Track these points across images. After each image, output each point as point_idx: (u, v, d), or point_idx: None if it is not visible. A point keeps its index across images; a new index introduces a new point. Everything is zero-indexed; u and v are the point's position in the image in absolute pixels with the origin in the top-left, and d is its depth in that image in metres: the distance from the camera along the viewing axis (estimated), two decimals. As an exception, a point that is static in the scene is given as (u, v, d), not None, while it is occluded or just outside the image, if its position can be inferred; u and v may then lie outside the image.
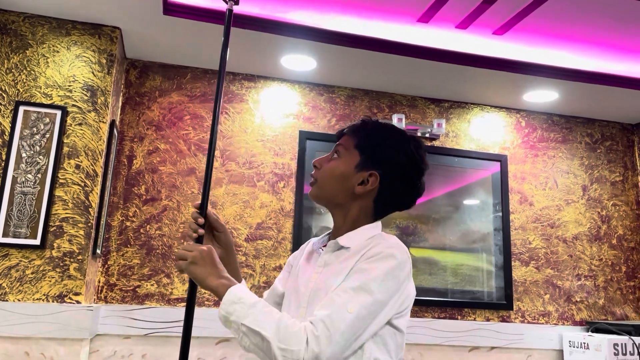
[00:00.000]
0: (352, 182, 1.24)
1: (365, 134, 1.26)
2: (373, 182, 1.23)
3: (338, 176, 1.25)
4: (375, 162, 1.24)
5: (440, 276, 2.87)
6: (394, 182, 1.25)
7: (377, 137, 1.26)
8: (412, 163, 1.26)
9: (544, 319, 2.95)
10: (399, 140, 1.26)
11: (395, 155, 1.25)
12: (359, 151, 1.25)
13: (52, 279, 2.13)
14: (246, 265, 2.67)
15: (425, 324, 2.76)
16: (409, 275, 1.15)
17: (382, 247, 1.14)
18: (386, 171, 1.24)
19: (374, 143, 1.25)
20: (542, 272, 3.01)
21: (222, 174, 2.73)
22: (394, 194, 1.27)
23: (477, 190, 3.03)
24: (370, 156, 1.24)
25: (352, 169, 1.24)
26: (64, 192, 2.20)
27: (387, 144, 1.25)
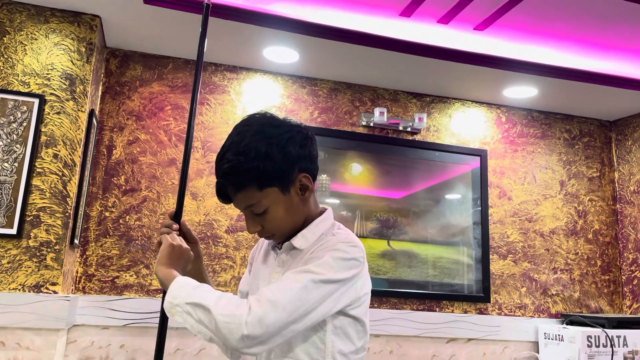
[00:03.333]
0: (297, 202, 1.20)
1: (248, 171, 1.14)
2: (308, 181, 1.20)
3: (285, 216, 1.19)
4: (285, 172, 1.17)
5: (420, 269, 2.90)
6: (307, 164, 1.21)
7: (256, 159, 1.14)
8: (292, 141, 1.19)
9: (520, 312, 3.00)
10: (264, 141, 1.16)
11: (281, 152, 1.16)
12: (267, 186, 1.16)
13: (29, 268, 2.12)
14: (226, 257, 2.67)
15: (403, 316, 2.79)
16: (361, 267, 1.16)
17: (333, 242, 1.15)
18: (294, 163, 1.18)
19: (262, 167, 1.14)
20: (520, 266, 3.06)
21: (202, 165, 2.72)
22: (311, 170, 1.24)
23: (457, 184, 3.06)
24: (277, 175, 1.16)
25: (284, 200, 1.18)
26: (41, 182, 2.18)
27: (265, 153, 1.14)
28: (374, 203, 2.91)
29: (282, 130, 1.19)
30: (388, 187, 2.96)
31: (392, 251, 2.89)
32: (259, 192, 1.15)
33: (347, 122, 2.97)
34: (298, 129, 1.22)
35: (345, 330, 1.15)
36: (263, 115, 1.23)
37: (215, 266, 2.65)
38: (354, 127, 2.98)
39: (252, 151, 1.14)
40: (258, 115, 1.23)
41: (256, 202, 1.16)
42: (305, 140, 1.22)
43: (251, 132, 1.17)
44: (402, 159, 3.00)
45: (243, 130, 1.18)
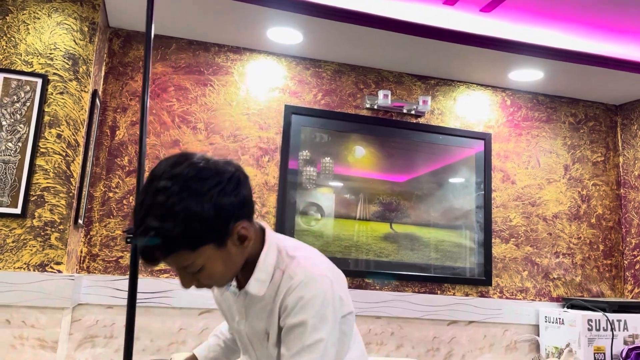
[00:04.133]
0: (235, 252, 1.10)
1: (177, 237, 1.01)
2: (246, 231, 1.09)
3: (224, 269, 1.10)
4: (220, 228, 1.05)
5: (422, 252, 2.91)
6: (243, 211, 1.09)
7: (185, 223, 1.00)
8: (224, 193, 1.05)
9: (522, 295, 3.01)
10: (192, 199, 1.01)
11: (213, 208, 1.03)
12: (201, 246, 1.04)
13: (34, 248, 2.13)
14: (229, 238, 2.68)
15: (405, 298, 2.81)
16: (340, 293, 1.14)
17: (299, 292, 1.09)
18: (229, 217, 1.05)
19: (193, 229, 1.01)
20: (522, 250, 3.06)
21: (206, 147, 2.72)
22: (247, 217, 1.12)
23: (461, 168, 3.06)
24: (211, 233, 1.04)
25: (221, 254, 1.07)
26: (45, 162, 2.19)
27: (195, 214, 1.01)
28: (377, 186, 2.91)
29: (211, 183, 1.04)
30: (391, 170, 2.95)
31: (394, 234, 2.89)
32: (192, 252, 1.04)
33: (351, 105, 2.96)
34: (228, 175, 1.07)
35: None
36: (187, 164, 1.05)
37: (219, 247, 2.66)
38: (358, 109, 2.96)
39: (180, 214, 1.00)
40: (181, 163, 1.05)
41: (190, 263, 1.06)
42: (237, 187, 1.08)
43: (176, 190, 1.01)
44: (406, 142, 2.99)
45: (166, 186, 1.01)
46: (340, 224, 2.83)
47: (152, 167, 1.07)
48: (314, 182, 2.84)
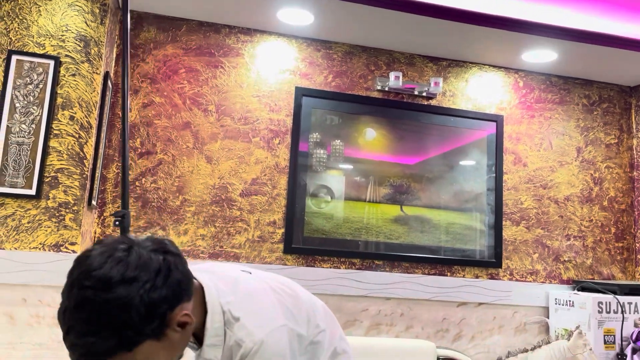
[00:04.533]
0: (178, 337, 1.01)
1: (107, 349, 0.93)
2: (186, 317, 1.01)
3: (168, 355, 1.02)
4: (155, 324, 0.96)
5: (432, 234, 2.91)
6: (178, 297, 1.01)
7: (113, 335, 0.93)
8: (155, 289, 0.97)
9: (532, 277, 3.02)
10: (118, 309, 0.93)
11: (145, 309, 0.95)
12: (137, 345, 0.96)
13: (48, 228, 2.16)
14: (241, 220, 2.70)
15: (415, 280, 2.82)
16: (297, 330, 1.16)
17: (256, 359, 1.07)
18: (164, 310, 0.97)
19: (124, 336, 0.93)
20: (532, 232, 3.06)
21: (217, 129, 2.72)
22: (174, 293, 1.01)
23: (472, 150, 3.04)
24: (146, 333, 0.96)
25: (162, 344, 0.99)
26: (58, 143, 2.21)
27: (124, 322, 0.93)
28: (388, 169, 2.91)
29: (139, 285, 0.94)
30: (402, 152, 2.95)
31: (405, 216, 2.90)
32: (130, 352, 0.96)
33: (362, 87, 2.94)
34: (156, 267, 0.97)
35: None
36: (108, 265, 0.94)
37: (230, 229, 2.68)
38: (369, 91, 2.95)
39: (105, 328, 0.92)
40: (100, 264, 0.94)
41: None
42: (168, 275, 0.98)
43: (98, 303, 0.92)
44: (417, 124, 2.98)
45: (86, 299, 0.92)
46: (351, 206, 2.84)
47: (71, 267, 0.97)
48: (324, 164, 2.84)
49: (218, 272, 1.19)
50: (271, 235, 2.72)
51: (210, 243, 2.65)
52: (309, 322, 1.21)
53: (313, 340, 1.21)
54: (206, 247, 2.64)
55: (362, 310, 2.77)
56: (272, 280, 1.25)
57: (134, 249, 0.98)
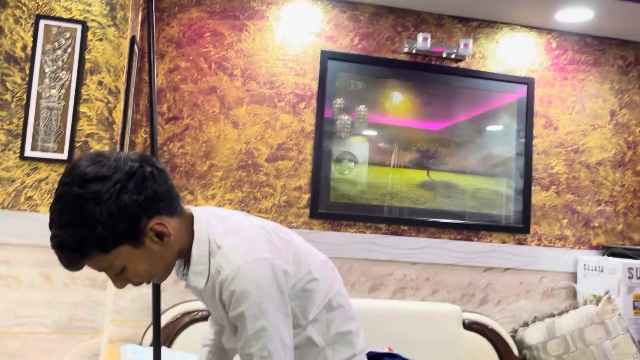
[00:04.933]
0: (158, 249, 1.07)
1: (81, 243, 1.00)
2: (162, 226, 1.06)
3: (149, 267, 1.09)
4: (128, 228, 1.02)
5: (459, 199, 2.89)
6: (154, 207, 1.05)
7: (85, 229, 0.99)
8: (125, 192, 1.02)
9: (560, 243, 2.98)
10: (89, 204, 0.99)
11: (115, 209, 1.00)
12: (114, 248, 1.02)
13: (81, 192, 2.21)
14: (267, 185, 2.71)
15: (441, 245, 2.82)
16: (284, 267, 1.12)
17: (230, 287, 1.06)
18: (136, 215, 1.02)
19: (96, 234, 1.00)
20: (562, 197, 3.01)
21: (242, 94, 2.71)
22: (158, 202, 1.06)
23: (502, 114, 2.98)
24: (119, 235, 1.02)
25: (141, 253, 1.06)
26: (87, 108, 2.23)
27: (94, 218, 0.99)
28: (414, 134, 2.87)
29: (109, 184, 1.00)
30: (429, 117, 2.90)
31: (431, 182, 2.87)
32: (107, 255, 1.03)
33: (389, 49, 2.88)
34: (130, 172, 1.03)
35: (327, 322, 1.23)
36: (86, 165, 1.03)
37: (257, 194, 2.70)
38: (396, 54, 2.89)
39: (77, 221, 0.99)
40: (80, 165, 1.03)
41: (107, 265, 1.05)
42: (142, 183, 1.03)
43: (72, 196, 1.00)
44: (445, 88, 2.92)
45: (63, 193, 1.01)
46: (375, 172, 2.83)
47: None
48: (348, 130, 2.82)
49: (213, 210, 1.23)
50: (297, 201, 2.74)
51: (238, 208, 2.68)
52: (299, 266, 1.17)
53: (305, 287, 1.18)
54: (233, 212, 2.67)
55: (388, 275, 2.78)
56: (268, 224, 1.24)
57: (113, 157, 1.05)
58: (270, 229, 1.20)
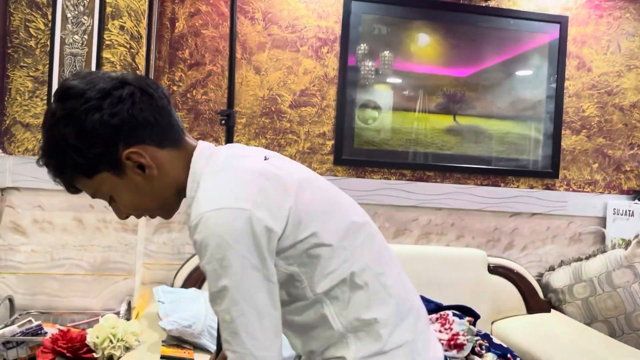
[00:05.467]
0: (142, 181, 0.99)
1: (59, 167, 0.96)
2: (139, 156, 0.96)
3: (137, 199, 1.01)
4: (101, 154, 0.95)
5: (486, 144, 2.84)
6: (133, 135, 0.96)
7: (58, 153, 0.95)
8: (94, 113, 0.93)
9: (590, 188, 2.92)
10: (60, 124, 0.94)
11: (82, 132, 0.93)
12: (95, 174, 0.97)
13: (108, 138, 2.24)
14: (291, 132, 2.70)
15: (467, 190, 2.80)
16: (266, 223, 0.92)
17: (193, 235, 0.93)
18: (108, 141, 0.94)
19: (70, 158, 0.94)
20: (593, 141, 2.93)
21: (264, 38, 2.67)
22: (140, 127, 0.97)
23: (533, 55, 2.87)
24: (94, 161, 0.95)
25: (124, 183, 0.98)
26: (111, 54, 2.23)
27: (64, 140, 0.93)
28: (440, 81, 2.80)
29: (79, 102, 0.92)
30: (456, 62, 2.81)
31: (458, 127, 2.82)
32: (90, 180, 0.98)
33: (414, -11, 2.77)
34: (103, 90, 0.93)
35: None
36: (70, 79, 0.96)
37: (281, 140, 2.70)
38: (422, -7, 2.78)
39: (50, 142, 0.95)
40: (66, 80, 0.98)
41: (94, 190, 1.00)
42: (117, 105, 0.94)
43: (49, 113, 0.96)
44: (474, 30, 2.81)
45: (46, 110, 0.99)
46: (400, 118, 2.78)
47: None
48: (372, 77, 2.76)
49: (233, 147, 1.10)
50: (321, 147, 2.73)
51: (262, 154, 2.68)
52: (300, 225, 0.97)
53: (309, 251, 0.97)
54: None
55: (412, 220, 2.79)
56: (276, 167, 1.02)
57: (93, 74, 0.97)
58: (272, 176, 0.99)
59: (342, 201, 1.08)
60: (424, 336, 1.06)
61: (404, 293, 1.06)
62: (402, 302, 1.04)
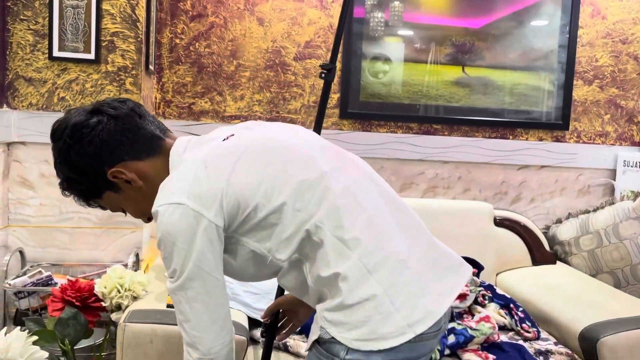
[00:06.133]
0: (134, 191, 1.12)
1: (73, 190, 1.14)
2: (120, 173, 1.09)
3: (138, 206, 1.15)
4: (92, 181, 1.10)
5: (495, 96, 2.78)
6: (113, 156, 1.08)
7: (66, 182, 1.13)
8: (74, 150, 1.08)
9: (601, 139, 2.87)
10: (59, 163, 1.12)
11: (68, 166, 1.10)
12: (102, 194, 1.13)
13: (111, 92, 2.23)
14: (295, 85, 2.67)
15: (474, 143, 2.76)
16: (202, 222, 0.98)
17: (157, 233, 1.03)
18: (94, 169, 1.08)
19: (77, 187, 1.13)
20: (606, 92, 2.85)
21: (268, -12, 2.60)
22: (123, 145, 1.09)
23: (546, 3, 2.76)
24: (91, 187, 1.12)
25: (124, 196, 1.13)
26: (110, 6, 2.19)
27: (66, 176, 1.12)
28: (450, 32, 2.72)
29: (61, 142, 1.09)
30: (467, 13, 2.73)
31: (466, 78, 2.76)
32: (102, 200, 1.14)
33: None
34: (74, 128, 1.07)
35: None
36: (53, 126, 1.13)
37: (285, 94, 2.67)
38: (430, -62, 2.67)
39: (60, 179, 1.13)
40: (52, 127, 1.14)
41: (109, 207, 1.17)
42: (90, 135, 1.06)
43: (53, 158, 1.13)
44: (483, -25, 2.71)
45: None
46: (407, 71, 2.73)
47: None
48: (382, 29, 2.69)
49: (209, 136, 1.18)
50: (327, 100, 2.69)
51: (267, 108, 2.66)
52: (237, 203, 0.99)
53: (260, 223, 1.01)
54: (263, 113, 2.66)
55: (419, 174, 2.77)
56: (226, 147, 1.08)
57: (61, 119, 1.12)
58: (213, 161, 1.04)
59: (296, 160, 1.06)
60: (410, 287, 1.00)
61: (376, 243, 1.01)
62: (370, 254, 1.00)
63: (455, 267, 1.12)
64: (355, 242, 1.00)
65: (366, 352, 0.96)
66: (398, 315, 0.97)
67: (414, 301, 1.00)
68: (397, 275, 1.00)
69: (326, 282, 1.01)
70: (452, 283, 1.08)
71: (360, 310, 0.97)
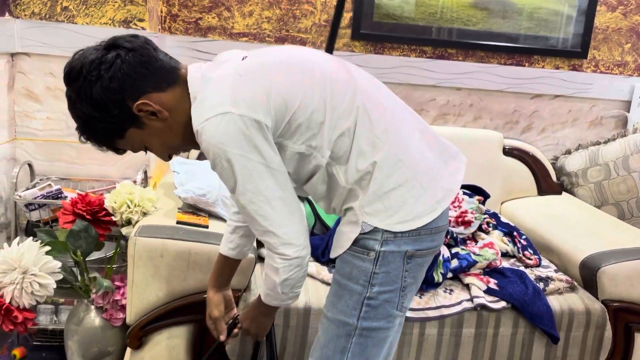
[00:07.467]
0: (161, 126, 1.11)
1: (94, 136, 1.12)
2: (146, 105, 1.07)
3: (166, 142, 1.14)
4: (116, 116, 1.08)
5: (514, 20, 2.67)
6: (136, 89, 1.07)
7: (86, 124, 1.10)
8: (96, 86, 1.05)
9: (619, 70, 2.79)
10: (78, 102, 1.07)
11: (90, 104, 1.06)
12: (124, 133, 1.10)
13: (116, 3, 2.14)
14: (306, 2, 2.56)
15: (489, 70, 2.69)
16: (254, 116, 1.02)
17: (200, 142, 1.06)
18: (116, 103, 1.06)
19: (98, 127, 1.09)
20: (629, 19, 2.73)
21: None
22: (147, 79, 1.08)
23: None
24: (115, 123, 1.09)
25: (149, 132, 1.11)
26: None
27: (86, 115, 1.08)
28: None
29: (81, 80, 1.05)
30: None
31: (485, 0, 2.64)
32: (124, 139, 1.12)
33: None
34: (93, 62, 1.05)
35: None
36: (67, 64, 1.09)
37: (296, 11, 2.56)
38: None
39: (79, 121, 1.10)
40: (66, 65, 1.10)
41: (131, 146, 1.14)
42: (110, 69, 1.05)
43: (68, 101, 1.10)
44: None
45: (67, 100, 1.11)
46: (426, -12, 2.60)
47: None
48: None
49: (218, 57, 1.18)
50: (339, 19, 2.59)
51: (276, 26, 2.57)
52: (284, 104, 1.05)
53: (305, 124, 1.07)
54: (272, 31, 2.57)
55: (430, 100, 2.72)
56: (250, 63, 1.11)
57: (79, 53, 1.09)
58: (245, 71, 1.08)
59: (319, 68, 1.12)
60: (431, 172, 1.15)
61: (400, 136, 1.14)
62: (398, 145, 1.12)
63: (454, 155, 1.26)
64: (385, 135, 1.11)
65: (399, 242, 1.10)
66: (426, 195, 1.12)
67: (435, 183, 1.14)
68: (419, 162, 1.14)
69: (362, 176, 1.10)
70: (456, 167, 1.23)
71: (395, 195, 1.10)
